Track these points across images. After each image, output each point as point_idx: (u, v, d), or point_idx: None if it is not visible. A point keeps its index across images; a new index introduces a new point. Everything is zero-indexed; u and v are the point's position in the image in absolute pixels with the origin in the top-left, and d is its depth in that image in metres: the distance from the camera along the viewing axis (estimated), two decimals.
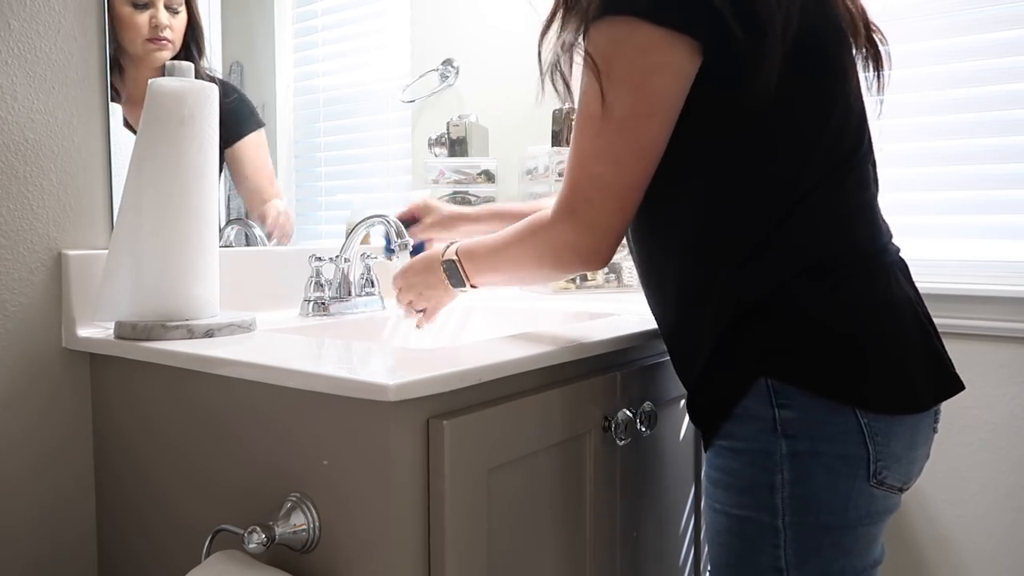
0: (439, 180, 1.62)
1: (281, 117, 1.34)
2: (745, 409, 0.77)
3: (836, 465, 0.75)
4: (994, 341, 1.38)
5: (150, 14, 1.06)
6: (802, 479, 0.75)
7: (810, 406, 0.75)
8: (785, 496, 0.76)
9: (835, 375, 0.75)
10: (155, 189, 0.92)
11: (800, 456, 0.75)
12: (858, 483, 0.75)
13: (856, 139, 0.81)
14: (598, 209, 0.79)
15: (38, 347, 0.98)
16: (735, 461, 0.79)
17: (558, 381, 0.89)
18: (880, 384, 0.75)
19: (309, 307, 1.19)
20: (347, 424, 0.73)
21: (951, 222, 1.46)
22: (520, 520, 0.83)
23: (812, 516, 0.76)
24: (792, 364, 0.75)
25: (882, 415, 0.75)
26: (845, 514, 0.76)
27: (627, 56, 0.73)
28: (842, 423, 0.74)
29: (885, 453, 0.75)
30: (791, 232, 0.77)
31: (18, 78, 0.95)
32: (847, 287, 0.76)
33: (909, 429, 0.77)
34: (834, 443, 0.75)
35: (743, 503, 0.78)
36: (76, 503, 1.01)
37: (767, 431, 0.76)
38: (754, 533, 0.78)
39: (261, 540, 0.72)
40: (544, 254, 0.85)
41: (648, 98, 0.74)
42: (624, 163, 0.77)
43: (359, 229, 1.22)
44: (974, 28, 1.43)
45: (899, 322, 0.78)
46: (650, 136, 0.76)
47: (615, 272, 1.55)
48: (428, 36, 1.61)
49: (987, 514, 1.40)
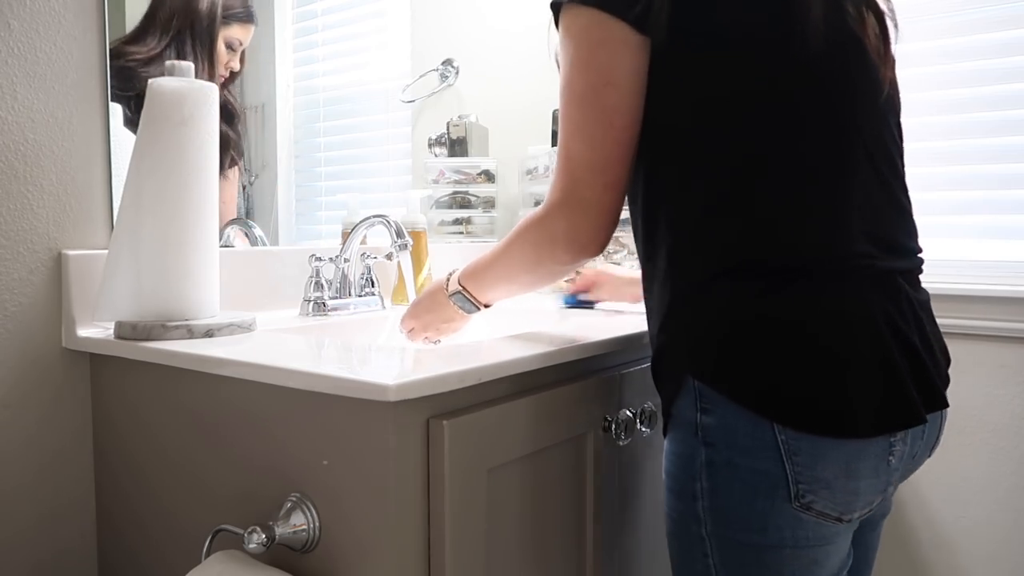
0: (439, 180, 1.62)
1: (281, 117, 1.34)
2: (678, 410, 0.76)
3: (753, 480, 0.71)
4: (994, 341, 1.38)
5: (230, 57, 1.23)
6: (719, 490, 0.73)
7: (728, 413, 0.71)
8: (705, 505, 0.74)
9: (754, 384, 0.70)
10: (155, 189, 0.92)
11: (716, 466, 0.73)
12: (778, 503, 0.71)
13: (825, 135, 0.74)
14: (585, 188, 0.78)
15: (38, 347, 0.98)
16: (672, 464, 0.78)
17: (558, 381, 0.89)
18: (803, 400, 0.69)
19: (309, 307, 1.19)
20: (347, 424, 0.73)
21: (951, 222, 1.46)
22: (520, 520, 0.83)
23: (731, 531, 0.73)
24: (713, 367, 0.72)
25: (803, 434, 0.69)
26: (765, 533, 0.72)
27: (576, 36, 0.77)
28: (759, 436, 0.70)
29: (808, 476, 0.69)
30: (734, 225, 0.73)
31: (18, 78, 0.95)
32: (786, 292, 0.71)
33: (844, 455, 0.70)
34: (749, 456, 0.71)
35: (677, 507, 0.77)
36: (76, 503, 1.01)
37: (691, 435, 0.74)
38: (687, 539, 0.76)
39: (261, 540, 0.72)
40: (541, 248, 0.83)
41: (599, 69, 0.76)
42: (595, 136, 0.77)
43: (359, 229, 1.22)
44: (974, 28, 1.43)
45: (844, 337, 0.70)
46: (611, 105, 0.76)
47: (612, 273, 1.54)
48: (428, 36, 1.61)
49: (987, 515, 1.40)
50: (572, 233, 0.80)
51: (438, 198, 1.61)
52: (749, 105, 0.73)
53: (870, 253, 0.74)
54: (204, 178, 0.95)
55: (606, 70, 0.76)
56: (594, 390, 0.93)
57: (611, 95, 0.76)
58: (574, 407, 0.90)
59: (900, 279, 0.76)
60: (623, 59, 0.75)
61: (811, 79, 0.74)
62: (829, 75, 0.74)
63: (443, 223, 1.62)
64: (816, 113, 0.74)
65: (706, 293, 0.74)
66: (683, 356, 0.75)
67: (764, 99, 0.73)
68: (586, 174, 0.78)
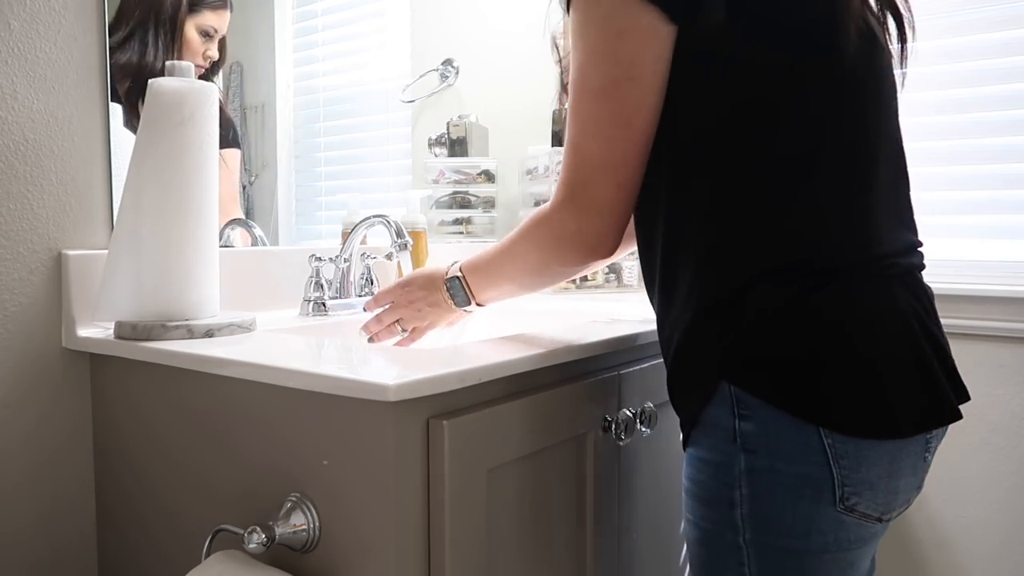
0: (439, 180, 1.62)
1: (281, 117, 1.34)
2: (709, 416, 0.73)
3: (797, 486, 0.69)
4: (995, 341, 1.38)
5: (207, 46, 1.19)
6: (760, 497, 0.71)
7: (770, 419, 0.69)
8: (744, 513, 0.71)
9: (797, 388, 0.68)
10: (155, 189, 0.92)
11: (758, 473, 0.70)
12: (822, 507, 0.69)
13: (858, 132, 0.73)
14: (596, 188, 0.75)
15: (38, 347, 0.98)
16: (701, 471, 0.75)
17: (558, 381, 0.89)
18: (848, 403, 0.68)
19: (309, 307, 1.19)
20: (347, 424, 0.73)
21: (952, 222, 1.46)
22: (520, 520, 0.83)
23: (772, 537, 0.71)
24: (752, 372, 0.70)
25: (849, 437, 0.68)
26: (808, 539, 0.70)
27: (596, 24, 0.71)
28: (803, 442, 0.68)
29: (854, 478, 0.69)
30: (764, 229, 0.71)
31: (18, 78, 0.95)
32: (821, 294, 0.70)
33: (887, 455, 0.70)
34: (793, 462, 0.69)
35: (709, 516, 0.74)
36: (76, 502, 1.01)
37: (727, 442, 0.72)
38: (720, 548, 0.74)
39: (261, 540, 0.72)
40: (547, 247, 0.80)
41: (621, 62, 0.71)
42: (611, 135, 0.73)
43: (359, 229, 1.23)
44: (974, 28, 1.43)
45: (882, 338, 0.70)
46: (632, 102, 0.71)
47: (615, 272, 1.55)
48: (428, 36, 1.61)
49: (988, 514, 1.40)
50: (580, 234, 0.77)
51: (438, 198, 1.61)
52: (795, 104, 0.70)
53: (896, 251, 0.74)
54: (204, 178, 0.95)
55: (628, 62, 0.70)
56: (594, 390, 0.93)
57: (633, 92, 0.71)
58: (574, 407, 0.90)
59: (919, 276, 0.77)
60: (649, 51, 0.70)
61: (851, 77, 0.72)
62: (857, 73, 0.73)
63: (443, 223, 1.62)
64: (852, 112, 0.73)
65: (743, 298, 0.71)
66: (717, 361, 0.72)
67: (812, 98, 0.71)
68: (599, 174, 0.75)
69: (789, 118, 0.71)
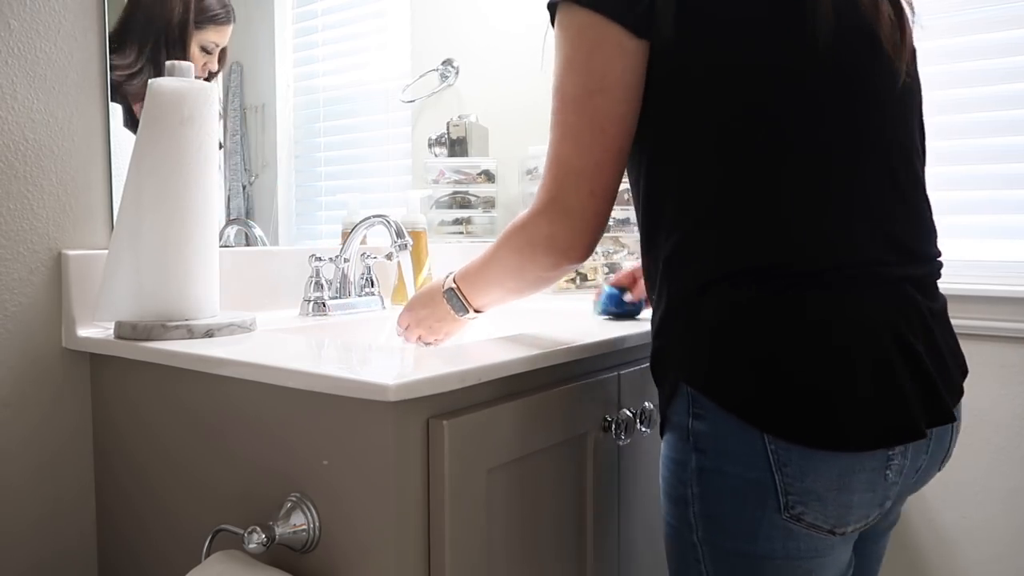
0: (439, 180, 1.62)
1: (281, 117, 1.34)
2: (672, 414, 0.76)
3: (742, 489, 0.70)
4: (996, 341, 1.38)
5: (206, 60, 1.20)
6: (709, 497, 0.72)
7: (720, 421, 0.70)
8: (696, 511, 0.73)
9: (744, 392, 0.69)
10: (155, 189, 0.92)
11: (707, 473, 0.72)
12: (768, 513, 0.69)
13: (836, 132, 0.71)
14: (569, 194, 0.76)
15: (38, 347, 0.98)
16: (666, 468, 0.77)
17: (558, 381, 0.89)
18: (792, 410, 0.67)
19: (309, 307, 1.19)
20: (347, 424, 0.73)
21: (952, 222, 1.46)
22: (520, 520, 0.83)
23: (721, 538, 0.72)
24: (704, 373, 0.71)
25: (793, 445, 0.67)
26: (755, 543, 0.71)
27: (571, 38, 0.75)
28: (748, 445, 0.69)
29: (798, 487, 0.68)
30: (726, 232, 0.71)
31: (18, 78, 0.95)
32: (779, 298, 0.69)
33: (835, 468, 0.68)
34: (739, 465, 0.70)
35: (672, 512, 0.77)
36: (76, 502, 1.01)
37: (683, 441, 0.74)
38: (681, 545, 0.76)
39: (261, 540, 0.72)
40: (523, 251, 0.81)
41: (593, 74, 0.74)
42: (584, 142, 0.75)
43: (359, 229, 1.22)
44: (974, 28, 1.43)
45: (839, 347, 0.68)
46: (603, 112, 0.74)
47: (615, 272, 1.55)
48: (428, 36, 1.61)
49: (989, 515, 1.40)
50: (552, 239, 0.78)
51: (438, 198, 1.61)
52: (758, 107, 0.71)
53: (880, 259, 0.71)
54: (204, 178, 0.95)
55: (599, 75, 0.74)
56: (594, 390, 0.93)
57: (604, 103, 0.74)
58: (574, 407, 0.90)
59: (910, 287, 0.73)
60: (618, 64, 0.73)
61: (822, 74, 0.71)
62: (840, 68, 0.72)
63: (443, 223, 1.62)
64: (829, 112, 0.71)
65: (700, 298, 0.72)
66: (677, 361, 0.74)
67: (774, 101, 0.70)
68: (572, 179, 0.76)
69: (753, 120, 0.71)
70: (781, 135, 0.70)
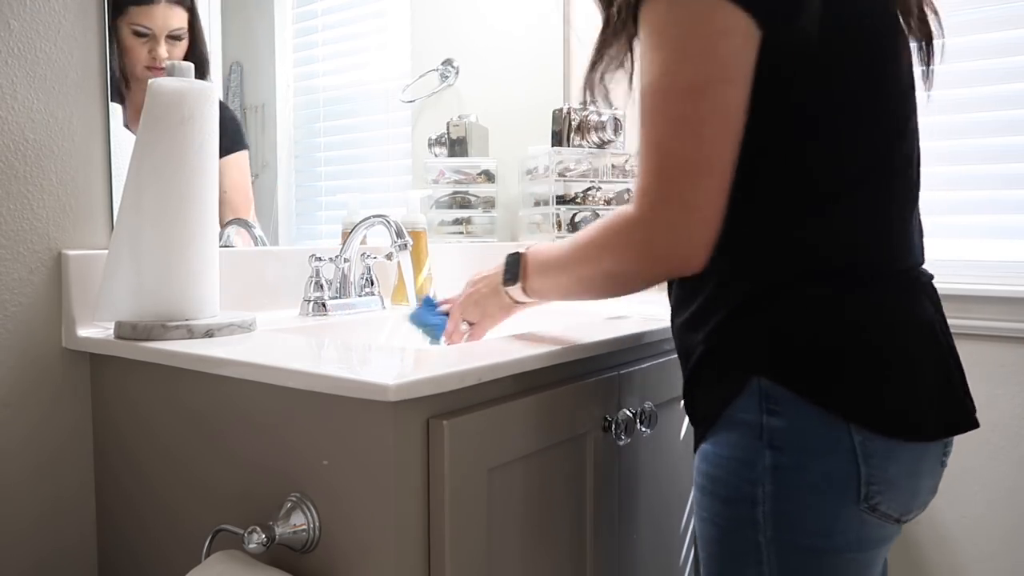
0: (439, 180, 1.62)
1: (281, 117, 1.34)
2: (734, 411, 0.73)
3: (823, 484, 0.70)
4: (994, 341, 1.38)
5: (149, 46, 1.10)
6: (784, 495, 0.71)
7: (801, 415, 0.70)
8: (766, 511, 0.71)
9: (831, 385, 0.69)
10: (155, 189, 0.92)
11: (784, 470, 0.70)
12: (846, 506, 0.70)
13: (904, 145, 0.76)
14: (692, 191, 0.69)
15: (38, 347, 0.98)
16: (720, 468, 0.74)
17: (558, 381, 0.89)
18: (880, 402, 0.70)
19: (309, 307, 1.19)
20: (347, 424, 0.73)
21: (952, 222, 1.46)
22: (520, 520, 0.83)
23: (794, 536, 0.71)
24: (789, 365, 0.70)
25: (878, 435, 0.69)
26: (830, 538, 0.71)
27: (692, 22, 0.69)
28: (834, 438, 0.69)
29: (879, 477, 0.70)
30: (812, 230, 0.72)
31: (18, 78, 0.95)
32: (857, 296, 0.72)
33: (911, 456, 0.72)
34: (822, 459, 0.70)
35: (727, 514, 0.74)
36: (76, 502, 1.01)
37: (753, 439, 0.71)
38: (738, 546, 0.73)
39: (261, 540, 0.72)
40: (628, 255, 0.74)
41: (720, 62, 0.68)
42: (706, 135, 0.69)
43: (359, 229, 1.22)
44: (974, 28, 1.43)
45: (914, 344, 0.73)
46: (728, 103, 0.69)
47: None
48: (428, 36, 1.61)
49: (988, 514, 1.40)
50: (677, 241, 0.71)
51: (438, 198, 1.61)
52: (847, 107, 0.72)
53: (920, 262, 0.78)
54: (204, 178, 0.95)
55: (728, 64, 0.68)
56: (594, 390, 0.93)
57: (730, 93, 0.69)
58: (574, 407, 0.90)
59: (931, 289, 0.79)
60: (745, 53, 0.68)
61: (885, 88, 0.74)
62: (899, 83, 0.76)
63: (443, 223, 1.62)
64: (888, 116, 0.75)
65: (782, 296, 0.72)
66: (748, 357, 0.72)
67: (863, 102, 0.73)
68: (696, 178, 0.69)
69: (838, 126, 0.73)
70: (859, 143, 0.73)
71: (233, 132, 1.26)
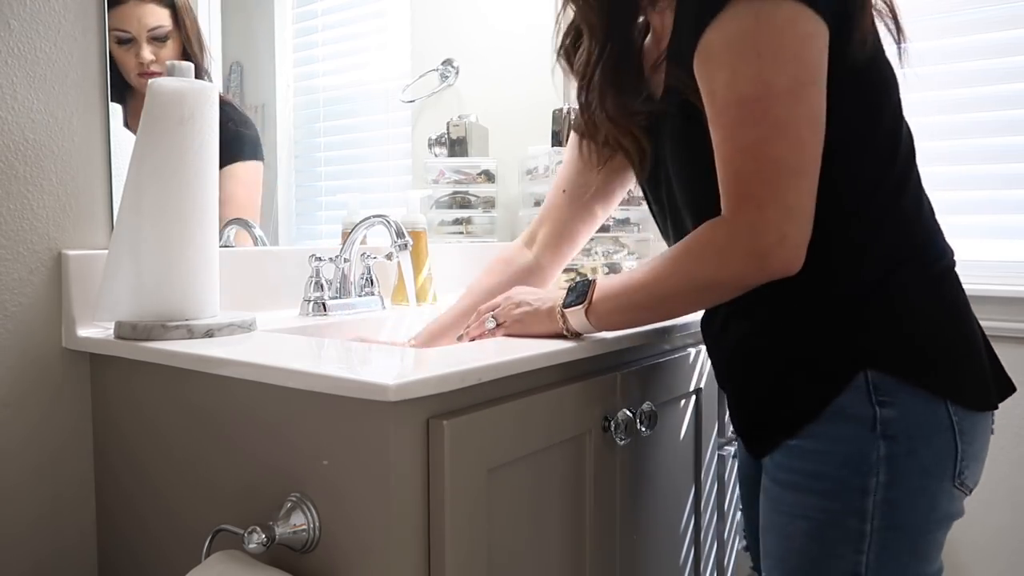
0: (439, 180, 1.62)
1: (281, 117, 1.34)
2: (839, 408, 0.75)
3: (928, 466, 0.74)
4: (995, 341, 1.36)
5: (134, 51, 1.07)
6: (897, 482, 0.74)
7: (910, 403, 0.74)
8: (878, 500, 0.74)
9: (931, 368, 0.75)
10: (155, 189, 0.92)
11: (897, 458, 0.74)
12: (944, 484, 0.75)
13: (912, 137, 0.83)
14: (794, 193, 0.71)
15: (38, 347, 0.98)
16: (821, 463, 0.76)
17: (558, 381, 0.89)
18: (967, 379, 0.77)
19: (309, 307, 1.19)
20: (347, 424, 0.73)
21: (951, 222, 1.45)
22: (520, 520, 0.83)
23: (900, 519, 0.74)
24: (894, 355, 0.75)
25: (968, 411, 0.75)
26: (928, 517, 0.75)
27: (779, 29, 0.71)
28: (937, 421, 0.74)
29: (969, 452, 0.76)
30: (877, 231, 0.78)
31: (18, 78, 0.95)
32: (932, 285, 0.79)
33: (983, 427, 0.78)
34: (930, 442, 0.74)
35: (827, 507, 0.76)
36: (76, 503, 1.01)
37: (864, 431, 0.74)
38: (836, 537, 0.75)
39: (261, 540, 0.72)
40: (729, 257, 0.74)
41: (808, 66, 0.71)
42: (802, 137, 0.71)
43: (359, 229, 1.23)
44: (974, 28, 1.43)
45: (972, 321, 0.81)
46: (817, 105, 0.72)
47: (615, 272, 1.55)
48: (428, 36, 1.61)
49: (987, 513, 1.40)
50: (784, 242, 0.72)
51: (438, 198, 1.61)
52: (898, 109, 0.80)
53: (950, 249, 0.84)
54: (204, 178, 0.95)
55: (814, 67, 0.72)
56: (594, 390, 0.93)
57: (816, 95, 0.72)
58: (574, 407, 0.90)
59: None
60: (824, 56, 0.72)
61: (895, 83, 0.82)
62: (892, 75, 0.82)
63: (443, 223, 1.62)
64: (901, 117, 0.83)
65: (877, 292, 0.76)
66: (852, 354, 0.76)
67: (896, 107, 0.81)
68: (794, 179, 0.71)
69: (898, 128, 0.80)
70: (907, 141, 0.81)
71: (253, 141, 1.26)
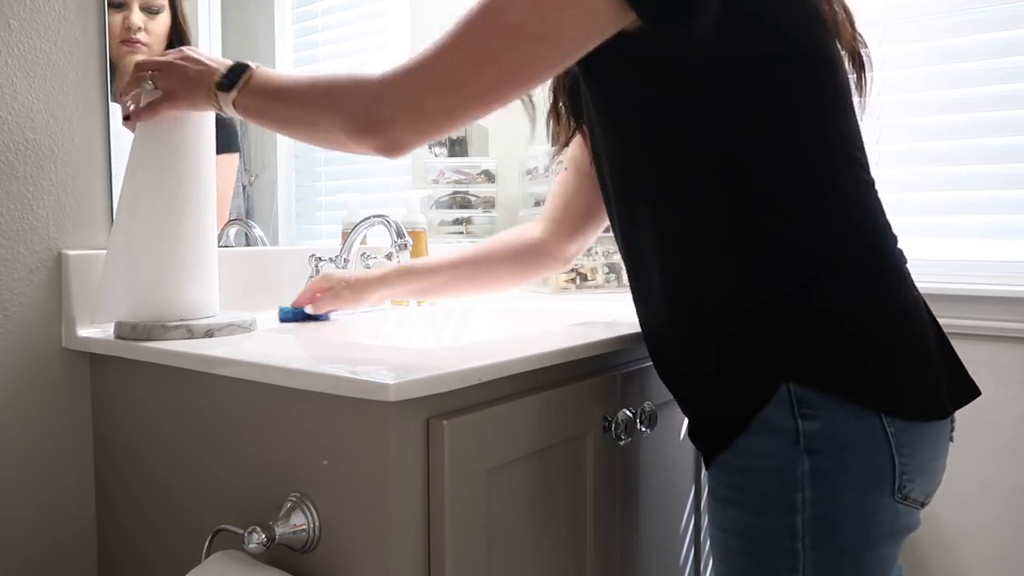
0: (439, 180, 1.62)
1: None
2: (763, 421, 0.71)
3: (862, 481, 0.70)
4: (994, 341, 1.38)
5: (123, 15, 1.04)
6: (825, 498, 0.70)
7: (836, 415, 0.69)
8: (806, 516, 0.70)
9: (863, 378, 0.70)
10: (152, 188, 0.92)
11: (824, 472, 0.70)
12: (883, 499, 0.71)
13: (859, 137, 0.77)
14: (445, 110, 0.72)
15: (38, 347, 0.98)
16: (751, 479, 0.73)
17: (558, 381, 0.89)
18: (908, 389, 0.71)
19: None
20: (347, 424, 0.73)
21: (951, 222, 1.46)
22: (520, 520, 0.83)
23: (834, 537, 0.71)
24: (818, 367, 0.70)
25: (908, 422, 0.70)
26: (867, 533, 0.71)
27: None
28: (868, 433, 0.69)
29: (911, 465, 0.71)
30: (807, 228, 0.73)
31: (18, 78, 0.95)
32: (870, 286, 0.72)
33: (931, 438, 0.72)
34: (860, 456, 0.69)
35: (759, 524, 0.73)
36: (75, 502, 1.01)
37: (788, 445, 0.70)
38: (770, 555, 0.72)
39: (261, 540, 0.72)
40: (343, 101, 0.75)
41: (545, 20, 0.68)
42: (486, 71, 0.70)
43: (359, 229, 1.22)
44: (974, 28, 1.43)
45: (920, 324, 0.74)
46: (527, 57, 0.70)
47: (615, 272, 1.55)
48: (428, 36, 1.60)
49: (988, 514, 1.40)
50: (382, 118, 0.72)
51: (438, 198, 1.61)
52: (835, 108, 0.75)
53: (898, 250, 0.78)
54: (202, 177, 0.95)
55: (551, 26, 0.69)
56: (594, 390, 0.93)
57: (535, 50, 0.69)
58: (574, 407, 0.90)
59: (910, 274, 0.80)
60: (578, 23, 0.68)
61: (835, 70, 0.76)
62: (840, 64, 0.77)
63: (443, 223, 1.62)
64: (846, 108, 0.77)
65: (797, 299, 0.71)
66: (773, 365, 0.72)
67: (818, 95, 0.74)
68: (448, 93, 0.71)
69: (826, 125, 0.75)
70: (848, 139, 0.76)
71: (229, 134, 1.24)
